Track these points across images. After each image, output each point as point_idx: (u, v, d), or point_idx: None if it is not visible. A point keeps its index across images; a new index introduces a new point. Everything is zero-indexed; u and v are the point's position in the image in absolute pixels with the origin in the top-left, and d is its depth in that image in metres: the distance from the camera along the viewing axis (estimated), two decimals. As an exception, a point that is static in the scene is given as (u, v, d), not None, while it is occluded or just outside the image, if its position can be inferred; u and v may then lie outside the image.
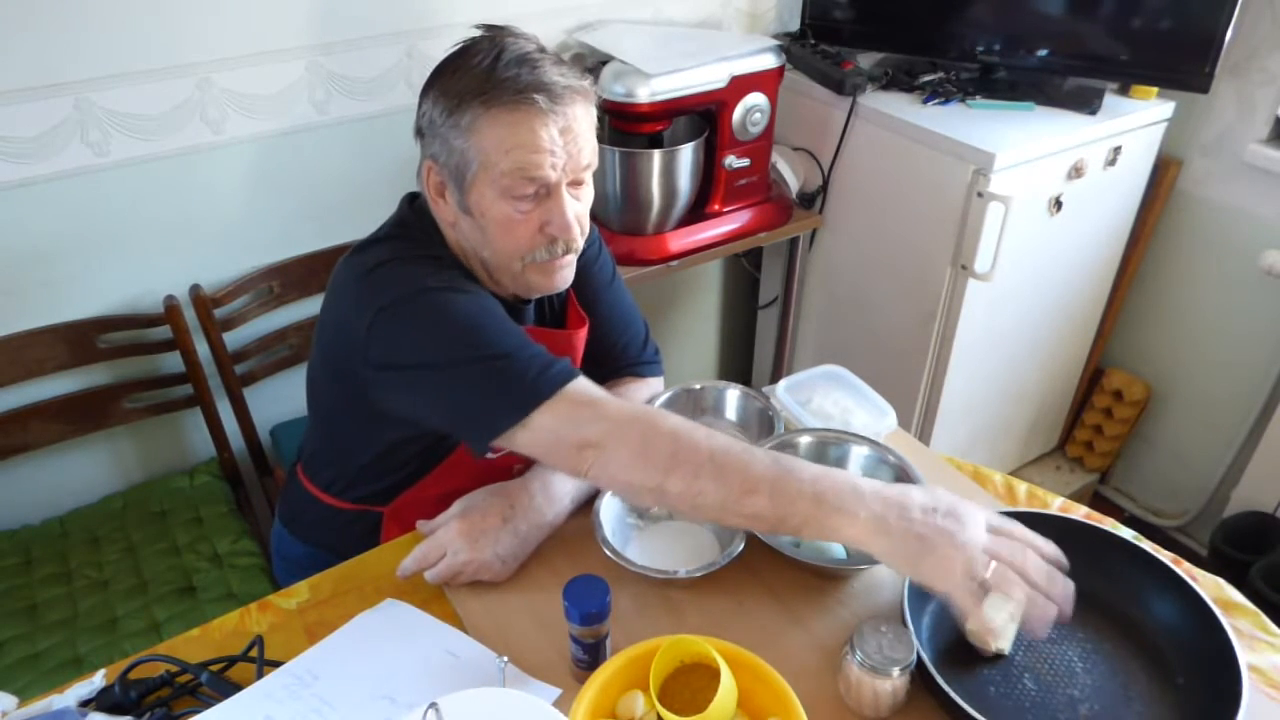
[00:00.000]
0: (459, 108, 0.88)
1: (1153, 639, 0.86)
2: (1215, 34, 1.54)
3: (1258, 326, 1.87)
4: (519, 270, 0.96)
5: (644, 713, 0.75)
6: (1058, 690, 0.82)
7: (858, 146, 1.78)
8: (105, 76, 1.31)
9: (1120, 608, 0.88)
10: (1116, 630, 0.87)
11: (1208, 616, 0.82)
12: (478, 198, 0.91)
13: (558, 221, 0.92)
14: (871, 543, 0.77)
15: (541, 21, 1.64)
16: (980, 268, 1.62)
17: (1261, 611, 0.92)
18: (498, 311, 0.93)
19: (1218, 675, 0.78)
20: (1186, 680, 0.82)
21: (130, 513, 1.50)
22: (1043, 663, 0.84)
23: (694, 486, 0.80)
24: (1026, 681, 0.83)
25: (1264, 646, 0.89)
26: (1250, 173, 1.79)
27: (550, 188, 0.91)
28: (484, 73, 0.87)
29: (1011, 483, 1.10)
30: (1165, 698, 0.81)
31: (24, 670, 1.22)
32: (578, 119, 0.90)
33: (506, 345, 0.88)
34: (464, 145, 0.89)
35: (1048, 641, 0.85)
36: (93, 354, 1.43)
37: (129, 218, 1.41)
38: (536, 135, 0.87)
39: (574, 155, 0.90)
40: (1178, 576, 0.86)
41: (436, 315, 0.90)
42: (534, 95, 0.86)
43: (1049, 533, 0.80)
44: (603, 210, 1.69)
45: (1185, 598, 0.85)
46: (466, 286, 0.94)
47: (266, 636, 0.87)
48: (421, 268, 0.94)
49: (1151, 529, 2.17)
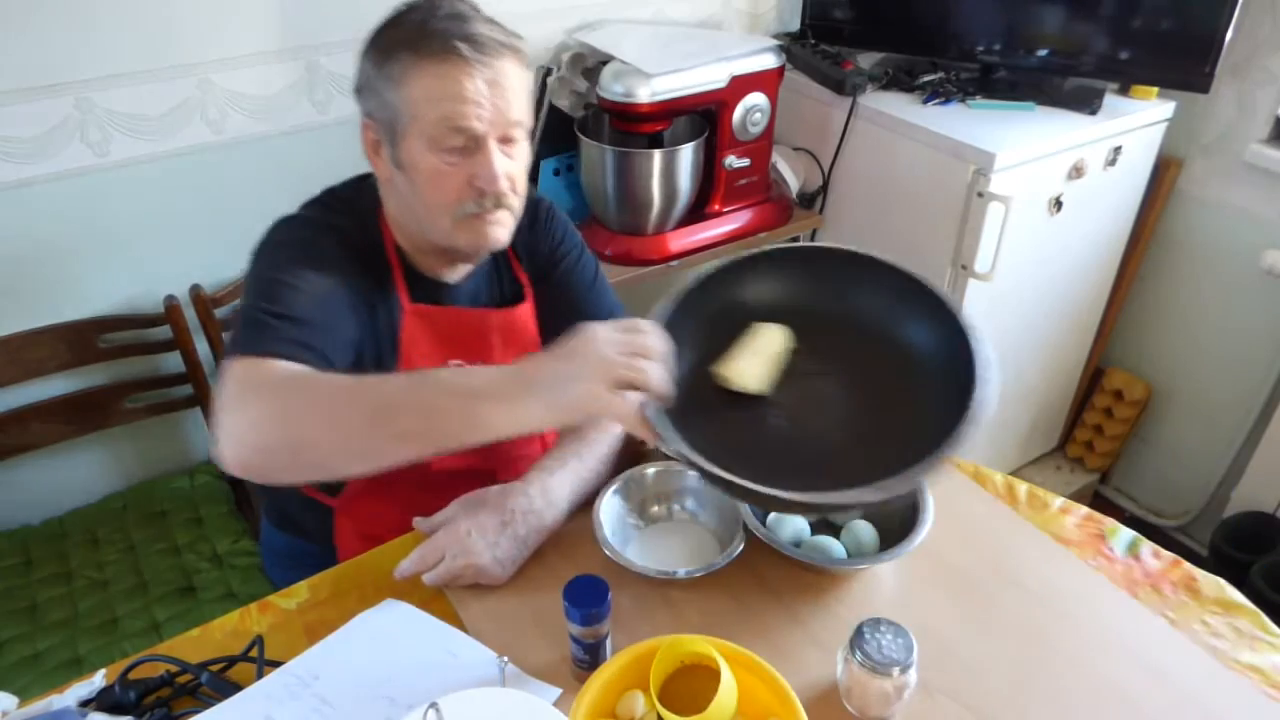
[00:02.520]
0: (389, 60, 0.90)
1: (909, 355, 0.83)
2: (1215, 34, 1.54)
3: (1258, 326, 1.87)
4: (449, 228, 0.96)
5: (644, 713, 0.75)
6: (810, 425, 0.80)
7: (858, 146, 1.78)
8: (105, 76, 1.31)
9: (882, 331, 0.85)
10: (880, 357, 0.84)
11: (959, 332, 0.79)
12: (408, 151, 0.93)
13: (485, 174, 0.92)
14: (525, 416, 0.74)
15: (541, 21, 1.64)
16: (980, 268, 1.62)
17: (1261, 611, 0.92)
18: (317, 283, 0.91)
19: (966, 382, 0.74)
20: (942, 396, 0.76)
21: (130, 513, 1.50)
22: (794, 400, 0.81)
23: (331, 420, 0.76)
24: (778, 421, 0.80)
25: (1264, 646, 0.89)
26: (1250, 173, 1.79)
27: (478, 140, 0.91)
28: (414, 27, 0.89)
29: (1012, 483, 1.10)
30: (920, 421, 0.76)
31: (24, 670, 1.22)
32: (506, 74, 0.91)
33: (281, 304, 0.87)
34: (395, 98, 0.91)
35: (800, 376, 0.83)
36: (93, 354, 1.44)
37: (129, 218, 1.41)
38: (463, 86, 0.88)
39: (501, 109, 0.91)
40: (934, 294, 0.83)
41: (264, 266, 0.93)
42: (460, 46, 0.88)
43: (809, 257, 0.81)
44: (603, 210, 1.69)
45: (941, 316, 0.81)
46: (323, 254, 0.94)
47: (266, 636, 0.87)
48: (316, 229, 0.97)
49: (1152, 529, 2.17)
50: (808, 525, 0.98)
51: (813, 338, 0.85)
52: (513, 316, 1.11)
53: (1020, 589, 0.94)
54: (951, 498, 1.04)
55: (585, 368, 0.73)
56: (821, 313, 0.85)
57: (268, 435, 0.76)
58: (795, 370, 0.83)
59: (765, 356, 0.81)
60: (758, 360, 0.81)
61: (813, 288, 0.86)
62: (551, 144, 1.70)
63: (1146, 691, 0.83)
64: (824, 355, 0.84)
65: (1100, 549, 1.01)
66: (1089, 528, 1.04)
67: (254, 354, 0.82)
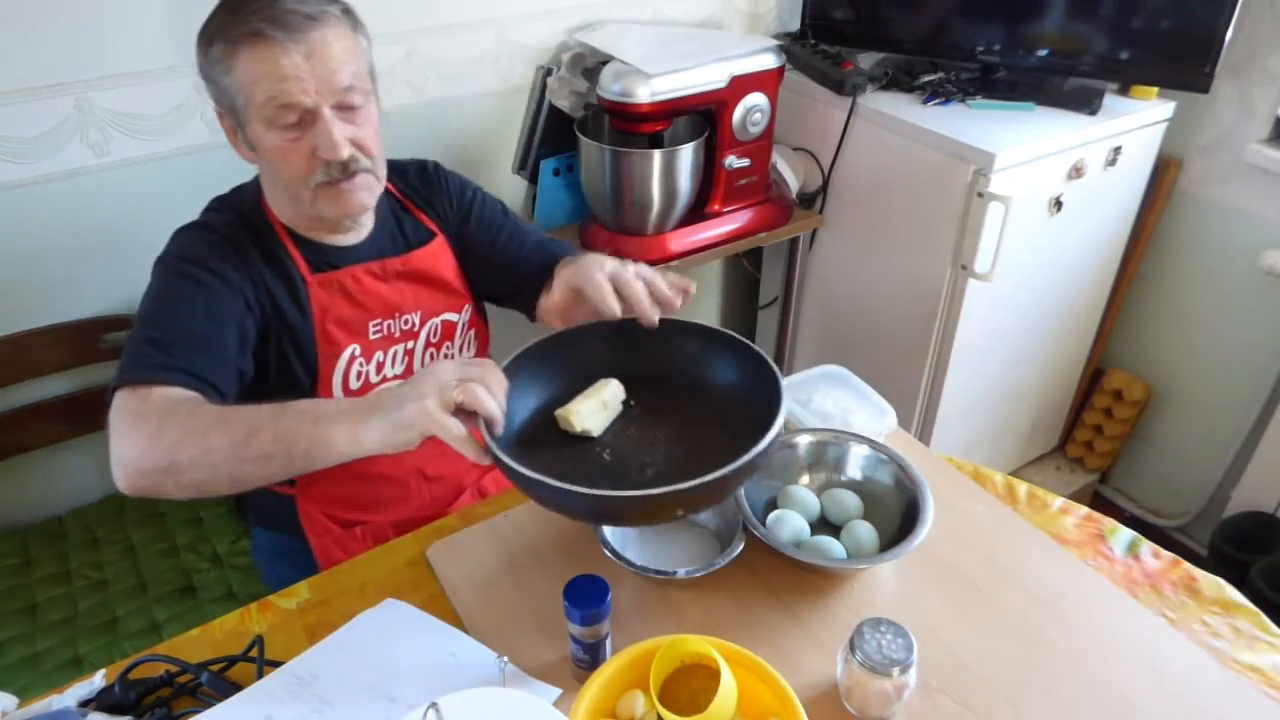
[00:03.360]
0: (212, 48, 0.92)
1: (723, 399, 0.95)
2: (1215, 34, 1.54)
3: (1258, 326, 1.87)
4: (309, 200, 0.99)
5: (644, 713, 0.75)
6: (633, 459, 0.90)
7: (858, 147, 1.78)
8: (105, 76, 1.31)
9: (697, 382, 0.97)
10: (710, 413, 0.95)
11: (762, 366, 0.92)
12: (254, 132, 0.95)
13: (325, 144, 0.94)
14: (365, 435, 0.79)
15: (542, 21, 1.64)
16: (980, 268, 1.62)
17: (1261, 611, 0.92)
18: (194, 296, 0.96)
19: (766, 407, 0.86)
20: (749, 423, 0.85)
21: (130, 513, 1.50)
22: (625, 441, 0.92)
23: (202, 445, 0.81)
24: (605, 455, 0.90)
25: (1264, 646, 0.89)
26: (1250, 173, 1.79)
27: (312, 113, 0.93)
28: (228, 12, 0.92)
29: (1011, 483, 1.10)
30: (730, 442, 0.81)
31: (24, 670, 1.22)
32: (325, 42, 0.92)
33: (159, 328, 0.93)
34: (228, 84, 0.93)
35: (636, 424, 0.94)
36: (93, 354, 1.44)
37: (129, 218, 1.41)
38: (279, 65, 0.90)
39: (325, 79, 0.92)
40: (736, 340, 0.96)
41: (149, 288, 0.98)
42: (266, 28, 0.89)
43: (629, 328, 0.94)
44: (603, 210, 1.69)
45: (744, 357, 0.95)
46: (200, 261, 0.98)
47: (266, 636, 0.88)
48: (193, 229, 1.02)
49: (1152, 529, 2.17)
50: (807, 526, 0.98)
51: (646, 391, 0.96)
52: (415, 257, 1.12)
53: (1020, 589, 0.94)
54: (951, 498, 1.05)
55: (422, 388, 0.78)
56: (650, 370, 0.97)
57: (148, 460, 0.83)
58: (628, 417, 0.95)
59: (600, 403, 0.92)
60: (591, 405, 0.91)
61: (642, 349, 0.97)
62: (551, 144, 1.70)
63: (1146, 691, 0.83)
64: (653, 405, 0.96)
65: (1100, 549, 1.01)
66: (1089, 528, 1.04)
67: (134, 383, 0.89)
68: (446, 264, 1.16)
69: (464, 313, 1.19)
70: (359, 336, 1.09)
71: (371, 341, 1.10)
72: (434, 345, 1.16)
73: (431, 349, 1.16)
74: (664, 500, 0.77)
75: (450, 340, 1.18)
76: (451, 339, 1.18)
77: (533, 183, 1.76)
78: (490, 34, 1.60)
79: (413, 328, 1.13)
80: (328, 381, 1.08)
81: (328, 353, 1.07)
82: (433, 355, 1.17)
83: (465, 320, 1.19)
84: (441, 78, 1.59)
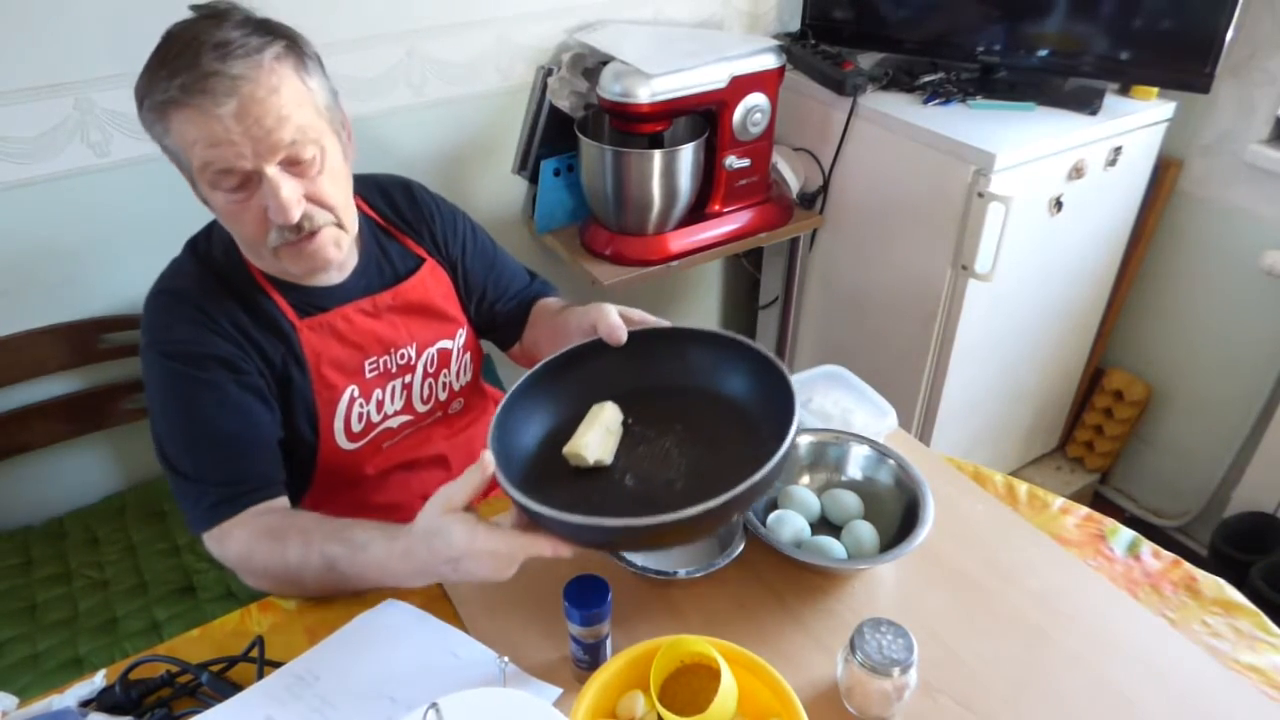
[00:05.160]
0: (143, 110, 0.87)
1: (738, 407, 0.92)
2: (1216, 34, 1.54)
3: (1258, 327, 1.87)
4: (272, 259, 0.95)
5: (644, 713, 0.75)
6: (656, 478, 0.86)
7: (858, 147, 1.78)
8: (105, 76, 1.31)
9: (708, 391, 0.94)
10: (709, 411, 0.93)
11: (774, 372, 0.88)
12: (203, 191, 0.91)
13: (273, 205, 0.87)
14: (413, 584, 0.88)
15: (542, 22, 1.64)
16: (980, 268, 1.62)
17: (1262, 611, 0.92)
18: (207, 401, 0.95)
19: (765, 390, 0.87)
20: (767, 429, 0.84)
21: (130, 513, 1.50)
22: (640, 461, 0.89)
23: (296, 582, 0.91)
24: (628, 481, 0.87)
25: (1264, 646, 0.89)
26: (1250, 173, 1.79)
27: (255, 174, 0.86)
28: (149, 73, 0.85)
29: (1012, 483, 1.10)
30: (752, 452, 0.80)
31: (24, 670, 1.22)
32: (257, 100, 0.83)
33: (192, 453, 0.95)
34: (169, 143, 0.88)
35: (644, 441, 0.91)
36: (93, 354, 1.44)
37: (129, 218, 1.41)
38: (209, 129, 0.83)
39: (261, 139, 0.84)
40: (747, 347, 0.92)
41: (151, 385, 0.97)
42: (184, 97, 0.82)
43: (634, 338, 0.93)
44: (603, 210, 1.69)
45: (755, 364, 0.91)
46: (190, 354, 0.95)
47: (267, 636, 0.88)
48: (169, 300, 0.98)
49: (1152, 529, 2.17)
50: (808, 526, 0.98)
51: (639, 406, 0.93)
52: (405, 288, 1.09)
53: (1020, 589, 0.94)
54: (951, 498, 1.05)
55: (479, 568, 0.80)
56: (654, 384, 0.95)
57: (259, 584, 0.94)
58: (633, 436, 0.91)
59: (604, 430, 0.89)
60: (596, 434, 0.88)
61: (642, 364, 0.95)
62: (551, 144, 1.70)
63: (1146, 692, 0.83)
64: (651, 418, 0.93)
65: (1100, 549, 1.01)
66: (1089, 528, 1.04)
67: (209, 528, 0.94)
68: (437, 290, 1.12)
69: (458, 338, 1.15)
70: (355, 377, 1.05)
71: (369, 380, 1.07)
72: (431, 375, 1.13)
73: (430, 379, 1.13)
74: (726, 507, 0.73)
75: (447, 368, 1.15)
76: (448, 366, 1.15)
77: (533, 183, 1.76)
78: (490, 34, 1.60)
79: (409, 361, 1.10)
80: (329, 428, 1.05)
81: (326, 398, 1.03)
82: (431, 386, 1.13)
83: (460, 345, 1.16)
84: (441, 78, 1.59)
